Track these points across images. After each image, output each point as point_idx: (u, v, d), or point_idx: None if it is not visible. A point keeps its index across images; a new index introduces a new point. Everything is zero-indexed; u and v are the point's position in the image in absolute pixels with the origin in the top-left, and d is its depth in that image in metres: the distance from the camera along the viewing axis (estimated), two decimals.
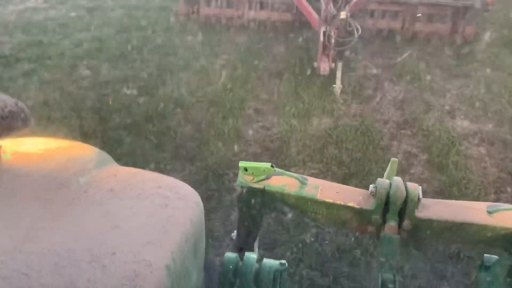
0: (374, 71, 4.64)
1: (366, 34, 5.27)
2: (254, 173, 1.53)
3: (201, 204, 1.15)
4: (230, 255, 1.34)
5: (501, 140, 3.59)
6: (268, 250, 2.47)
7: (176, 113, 3.79)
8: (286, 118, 3.79)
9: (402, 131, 3.67)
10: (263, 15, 5.44)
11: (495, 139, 3.58)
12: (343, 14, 3.81)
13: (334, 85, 4.04)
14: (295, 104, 3.95)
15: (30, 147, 1.20)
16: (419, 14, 5.25)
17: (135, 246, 0.93)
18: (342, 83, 4.06)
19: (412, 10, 5.18)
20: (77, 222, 0.98)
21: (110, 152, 1.26)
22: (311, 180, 1.59)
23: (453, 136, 3.57)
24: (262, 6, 5.46)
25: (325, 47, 3.87)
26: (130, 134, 3.49)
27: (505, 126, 3.77)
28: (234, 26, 5.51)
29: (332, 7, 4.03)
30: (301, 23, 5.33)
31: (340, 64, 3.95)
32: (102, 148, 1.24)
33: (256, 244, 1.76)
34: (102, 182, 1.11)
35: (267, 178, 1.55)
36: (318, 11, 4.45)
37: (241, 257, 1.33)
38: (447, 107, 4.02)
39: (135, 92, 4.11)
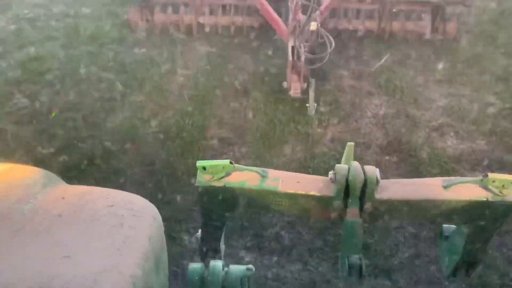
0: (351, 81, 4.16)
1: (340, 37, 4.79)
2: (213, 171, 1.49)
3: (159, 217, 1.08)
4: (195, 265, 1.29)
5: (498, 161, 3.17)
6: None
7: (125, 150, 3.23)
8: (255, 148, 3.28)
9: (387, 157, 3.21)
10: (226, 20, 4.86)
11: (492, 161, 3.15)
12: (313, 26, 3.29)
13: (307, 104, 3.54)
14: (265, 130, 3.44)
15: None
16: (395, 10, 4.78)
17: (90, 276, 0.84)
18: (316, 100, 3.56)
19: (388, 8, 4.69)
20: (24, 257, 0.88)
21: None
22: (272, 173, 1.56)
23: (444, 162, 3.13)
24: (224, 11, 4.89)
25: (294, 65, 3.35)
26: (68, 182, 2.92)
27: (499, 143, 3.34)
28: (194, 34, 4.92)
29: (301, 16, 3.51)
30: (268, 28, 4.79)
31: (313, 82, 3.45)
32: None
33: (222, 243, 1.71)
34: (49, 207, 1.02)
35: (227, 175, 1.52)
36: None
37: (207, 265, 1.29)
38: (434, 123, 3.58)
39: (79, 123, 3.53)
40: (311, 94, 3.50)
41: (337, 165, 1.55)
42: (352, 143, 1.71)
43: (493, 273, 2.38)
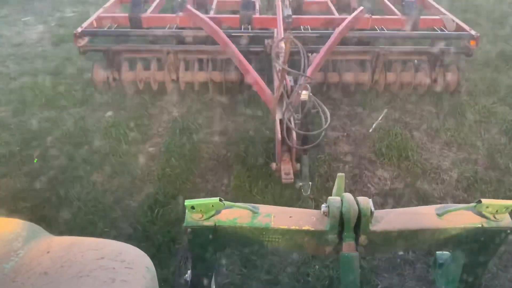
0: (347, 147, 3.61)
1: (331, 91, 4.29)
2: (202, 210, 1.42)
3: (153, 267, 1.02)
4: None
5: None
6: None
7: None
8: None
9: (398, 261, 2.62)
10: (202, 76, 4.31)
11: None
12: (304, 95, 2.75)
13: (300, 183, 2.97)
14: None
15: None
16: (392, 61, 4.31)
17: None
18: (309, 175, 3.00)
19: (381, 59, 4.22)
20: None
21: None
22: (263, 208, 1.53)
23: None
24: (201, 66, 4.35)
25: (284, 143, 2.78)
26: None
27: None
28: (167, 93, 4.36)
29: (288, 82, 2.97)
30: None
31: (306, 159, 2.89)
32: None
33: (212, 284, 1.67)
34: (33, 264, 0.94)
35: (217, 213, 1.45)
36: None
37: None
38: (449, 202, 3.02)
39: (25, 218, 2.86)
40: (305, 171, 2.94)
41: (329, 197, 1.50)
42: (343, 174, 1.64)
43: None
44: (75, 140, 3.67)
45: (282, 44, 3.06)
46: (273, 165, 2.85)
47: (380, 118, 4.01)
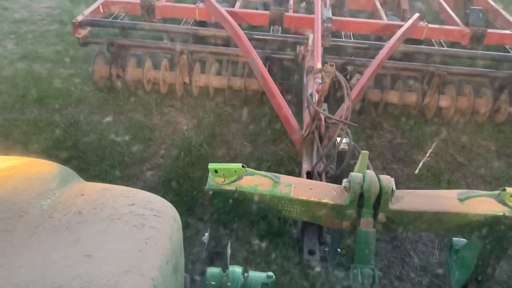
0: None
1: (369, 111, 3.57)
2: (224, 174, 1.44)
3: (179, 218, 1.05)
4: (213, 270, 1.24)
5: None
6: None
7: None
8: None
9: None
10: (220, 82, 3.64)
11: None
12: (344, 144, 2.06)
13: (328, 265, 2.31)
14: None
15: None
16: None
17: (112, 277, 0.80)
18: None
19: (437, 80, 3.46)
20: (44, 255, 0.84)
21: None
22: (284, 179, 1.53)
23: None
24: (219, 70, 3.67)
25: None
26: None
27: None
28: (177, 99, 3.70)
29: (323, 119, 2.28)
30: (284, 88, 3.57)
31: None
32: None
33: (228, 248, 1.65)
34: (68, 203, 0.98)
35: (239, 179, 1.48)
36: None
37: (224, 271, 1.23)
38: None
39: None
40: (334, 248, 2.27)
41: (351, 173, 1.48)
42: (367, 152, 1.59)
43: None
44: (62, 155, 3.06)
45: (319, 81, 2.35)
46: (294, 233, 2.19)
47: (427, 155, 3.28)
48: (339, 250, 2.33)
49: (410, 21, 3.54)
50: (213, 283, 1.20)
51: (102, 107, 3.65)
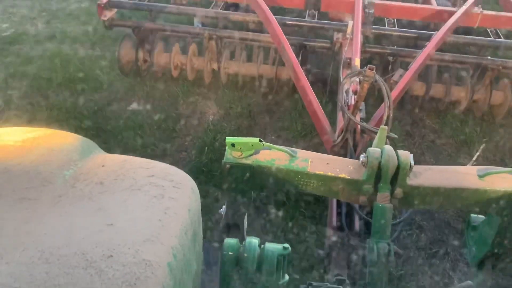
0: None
1: (411, 106, 3.25)
2: (242, 148, 1.44)
3: (197, 190, 1.08)
4: (230, 241, 1.24)
5: None
6: None
7: None
8: None
9: None
10: (250, 69, 3.39)
11: None
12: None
13: None
14: None
15: (4, 138, 1.06)
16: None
17: (133, 245, 0.83)
18: None
19: (490, 75, 3.09)
20: (67, 223, 0.87)
21: None
22: (301, 153, 1.52)
23: None
24: (250, 56, 3.42)
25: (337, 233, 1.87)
26: None
27: None
28: (205, 86, 3.49)
29: (359, 130, 2.02)
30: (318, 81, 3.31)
31: None
32: None
33: (245, 220, 1.67)
34: (90, 174, 1.01)
35: (256, 153, 1.48)
36: None
37: (241, 242, 1.23)
38: None
39: None
40: None
41: (369, 148, 1.46)
42: (385, 127, 1.62)
43: None
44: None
45: (356, 80, 2.06)
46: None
47: (474, 159, 2.94)
48: None
49: (463, 7, 3.15)
50: (231, 253, 1.20)
51: (127, 93, 3.49)
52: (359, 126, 2.03)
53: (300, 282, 1.51)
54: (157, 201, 0.95)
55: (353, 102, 2.02)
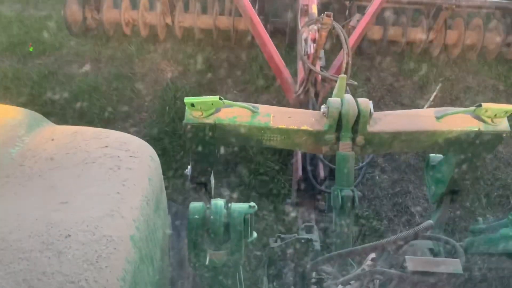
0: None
1: (368, 49, 3.25)
2: (202, 108, 1.42)
3: (157, 157, 1.04)
4: (196, 204, 1.18)
5: None
6: None
7: None
8: None
9: None
10: (206, 22, 3.27)
11: None
12: None
13: None
14: None
15: None
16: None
17: (91, 222, 0.79)
18: None
19: (444, 14, 3.11)
20: (18, 204, 0.82)
21: None
22: (263, 108, 1.52)
23: None
24: (205, 8, 3.29)
25: (304, 180, 1.90)
26: None
27: None
28: (159, 42, 3.36)
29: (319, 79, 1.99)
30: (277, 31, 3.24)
31: None
32: None
33: (212, 178, 1.68)
34: (39, 149, 0.94)
35: (217, 111, 1.46)
36: None
37: (208, 203, 1.19)
38: None
39: None
40: None
41: (329, 98, 1.49)
42: (345, 76, 1.62)
43: None
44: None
45: (315, 28, 2.01)
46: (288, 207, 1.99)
47: (431, 99, 3.01)
48: None
49: None
50: (197, 216, 1.17)
51: (78, 54, 3.31)
52: (319, 76, 2.01)
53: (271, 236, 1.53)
54: (113, 174, 0.91)
55: (312, 51, 1.99)
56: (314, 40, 2.06)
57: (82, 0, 3.29)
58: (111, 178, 0.90)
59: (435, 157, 1.77)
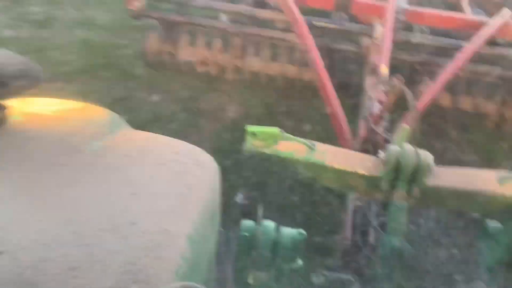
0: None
1: (435, 118, 3.13)
2: (262, 138, 1.47)
3: (219, 172, 1.12)
4: (247, 222, 1.28)
5: None
6: None
7: None
8: None
9: None
10: (274, 68, 3.34)
11: None
12: None
13: None
14: None
15: (40, 108, 1.14)
16: None
17: (155, 215, 0.89)
18: None
19: None
20: (95, 189, 0.94)
21: None
22: (319, 146, 1.54)
23: None
24: (275, 56, 3.36)
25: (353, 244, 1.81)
26: None
27: None
28: (227, 83, 3.45)
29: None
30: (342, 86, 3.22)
31: None
32: None
33: (260, 209, 1.56)
34: (118, 147, 1.09)
35: (275, 143, 1.50)
36: None
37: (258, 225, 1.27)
38: None
39: None
40: None
41: (389, 145, 1.49)
42: (407, 126, 1.62)
43: None
44: None
45: (382, 88, 1.99)
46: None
47: None
48: None
49: (499, 18, 3.02)
50: (246, 234, 1.24)
51: (150, 84, 3.48)
52: (381, 137, 1.96)
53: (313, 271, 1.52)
54: (180, 177, 1.00)
55: (377, 111, 1.95)
56: (379, 101, 2.02)
57: (161, 36, 3.49)
58: (178, 181, 0.99)
59: (492, 223, 1.65)
